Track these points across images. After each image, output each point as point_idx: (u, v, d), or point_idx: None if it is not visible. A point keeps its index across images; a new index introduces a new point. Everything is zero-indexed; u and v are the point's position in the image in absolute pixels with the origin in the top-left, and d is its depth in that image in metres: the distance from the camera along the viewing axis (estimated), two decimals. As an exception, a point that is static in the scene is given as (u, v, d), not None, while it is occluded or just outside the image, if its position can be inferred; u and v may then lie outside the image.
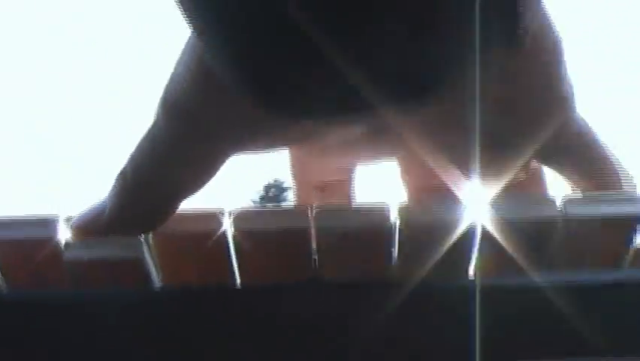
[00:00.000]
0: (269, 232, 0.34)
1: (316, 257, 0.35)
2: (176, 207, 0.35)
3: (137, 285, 0.36)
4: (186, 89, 0.32)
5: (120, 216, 0.35)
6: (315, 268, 0.35)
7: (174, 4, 0.29)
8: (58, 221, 0.36)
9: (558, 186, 0.38)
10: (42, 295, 0.35)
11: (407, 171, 0.39)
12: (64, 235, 0.36)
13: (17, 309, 0.35)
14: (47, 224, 0.36)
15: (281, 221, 0.35)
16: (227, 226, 0.35)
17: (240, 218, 0.35)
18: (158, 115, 0.33)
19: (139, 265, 0.35)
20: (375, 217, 0.35)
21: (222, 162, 0.34)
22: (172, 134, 0.33)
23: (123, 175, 0.35)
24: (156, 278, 0.36)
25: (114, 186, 0.35)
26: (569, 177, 0.37)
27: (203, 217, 0.35)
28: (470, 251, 0.35)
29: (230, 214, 0.35)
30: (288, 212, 0.35)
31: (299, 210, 0.35)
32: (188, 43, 0.33)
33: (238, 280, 0.36)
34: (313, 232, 0.35)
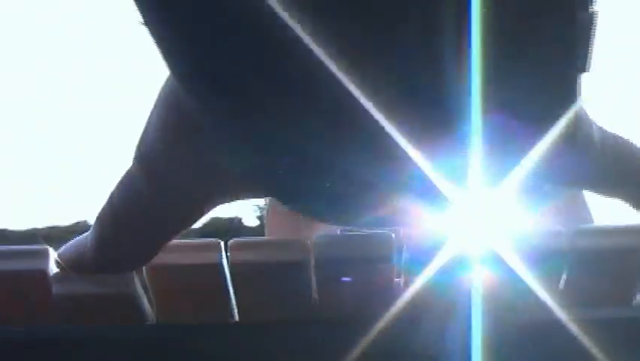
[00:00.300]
0: (266, 263, 0.33)
1: (316, 291, 0.34)
2: (156, 251, 0.34)
3: (130, 320, 0.34)
4: (158, 143, 0.31)
5: (99, 259, 0.34)
6: (314, 302, 0.34)
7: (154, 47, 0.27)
8: (48, 253, 0.35)
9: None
10: (31, 332, 0.34)
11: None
12: (55, 267, 0.35)
13: (5, 346, 0.34)
14: (38, 256, 0.35)
15: (279, 253, 0.33)
16: (224, 258, 0.34)
17: (237, 249, 0.34)
18: (133, 163, 0.32)
19: (131, 299, 0.34)
20: (379, 247, 0.33)
21: (200, 213, 0.33)
22: (147, 187, 0.32)
23: (102, 219, 0.34)
24: (150, 313, 0.35)
25: (94, 228, 0.34)
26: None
27: (198, 248, 0.34)
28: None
29: (226, 245, 0.34)
30: (286, 243, 0.34)
31: (298, 242, 0.34)
32: (162, 91, 0.31)
33: (236, 315, 0.35)
34: (313, 263, 0.33)
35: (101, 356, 0.34)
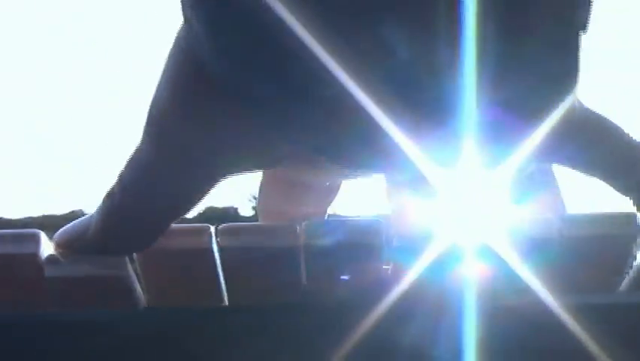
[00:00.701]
0: (256, 249, 0.33)
1: (305, 277, 0.34)
2: (163, 230, 0.34)
3: (122, 303, 0.35)
4: (169, 103, 0.31)
5: (104, 238, 0.34)
6: (304, 288, 0.34)
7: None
8: (40, 236, 0.35)
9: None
10: (22, 315, 0.34)
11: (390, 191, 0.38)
12: (47, 250, 0.35)
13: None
14: (30, 239, 0.35)
15: (268, 238, 0.34)
16: (214, 243, 0.34)
17: (227, 234, 0.34)
18: (143, 135, 0.32)
19: (123, 282, 0.34)
20: (369, 233, 0.34)
21: (210, 185, 0.33)
22: (156, 158, 0.32)
23: (110, 196, 0.34)
24: (142, 296, 0.35)
25: (101, 206, 0.34)
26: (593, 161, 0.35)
27: (188, 233, 0.34)
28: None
29: (216, 230, 0.34)
30: (275, 229, 0.34)
31: (287, 227, 0.34)
32: (172, 52, 0.31)
33: (226, 299, 0.35)
34: (302, 249, 0.34)
35: (92, 340, 0.34)
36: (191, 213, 0.35)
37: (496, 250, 0.33)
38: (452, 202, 0.35)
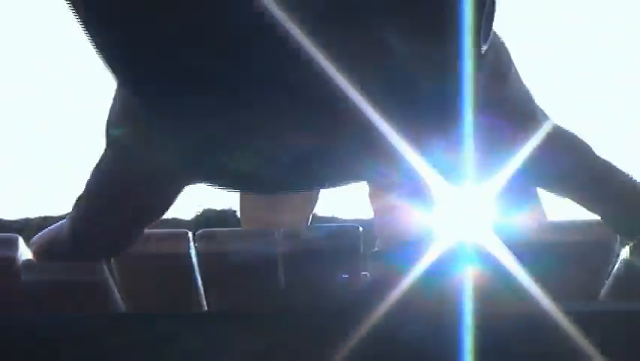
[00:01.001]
0: (234, 253, 0.33)
1: (282, 281, 0.34)
2: (132, 236, 0.34)
3: (100, 308, 0.34)
4: (120, 126, 0.31)
5: (73, 244, 0.34)
6: (281, 292, 0.34)
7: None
8: (18, 241, 0.35)
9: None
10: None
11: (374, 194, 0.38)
12: (24, 255, 0.35)
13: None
14: (7, 244, 0.35)
15: (246, 243, 0.34)
16: (192, 248, 0.34)
17: (204, 239, 0.34)
18: (105, 146, 0.32)
19: (101, 287, 0.34)
20: (347, 239, 0.34)
21: (172, 196, 0.33)
22: (114, 168, 0.32)
23: (78, 203, 0.34)
24: (120, 302, 0.35)
25: (70, 212, 0.34)
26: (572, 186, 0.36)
27: (166, 238, 0.34)
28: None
29: (194, 235, 0.34)
30: (253, 234, 0.34)
31: (265, 233, 0.34)
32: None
33: (204, 304, 0.35)
34: (280, 254, 0.33)
35: (70, 344, 0.34)
36: (189, 215, 0.35)
37: (482, 256, 0.33)
38: (441, 207, 0.35)
